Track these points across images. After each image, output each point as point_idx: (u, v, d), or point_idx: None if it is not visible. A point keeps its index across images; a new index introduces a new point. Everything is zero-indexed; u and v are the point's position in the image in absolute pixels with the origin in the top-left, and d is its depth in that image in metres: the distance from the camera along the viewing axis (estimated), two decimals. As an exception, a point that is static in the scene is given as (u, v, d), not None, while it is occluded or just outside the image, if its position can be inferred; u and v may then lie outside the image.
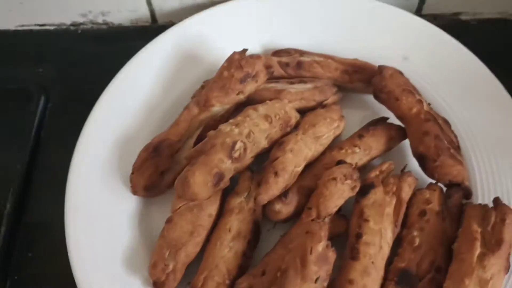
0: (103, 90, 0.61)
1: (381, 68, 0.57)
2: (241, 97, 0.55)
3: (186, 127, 0.55)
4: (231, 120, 0.52)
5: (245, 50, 0.56)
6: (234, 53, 0.56)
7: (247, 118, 0.52)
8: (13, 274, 0.57)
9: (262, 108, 0.54)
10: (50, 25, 0.74)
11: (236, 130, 0.50)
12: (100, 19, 0.73)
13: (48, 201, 0.60)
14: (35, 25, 0.74)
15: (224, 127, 0.51)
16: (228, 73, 0.54)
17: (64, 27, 0.74)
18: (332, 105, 0.58)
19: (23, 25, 0.74)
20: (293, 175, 0.52)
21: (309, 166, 0.55)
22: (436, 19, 0.70)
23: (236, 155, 0.49)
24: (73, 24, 0.74)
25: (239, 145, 0.50)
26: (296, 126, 0.56)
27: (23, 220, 0.60)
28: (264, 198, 0.50)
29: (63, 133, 0.64)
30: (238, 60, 0.55)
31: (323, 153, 0.56)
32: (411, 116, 0.54)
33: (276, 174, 0.50)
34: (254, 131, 0.51)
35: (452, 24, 0.70)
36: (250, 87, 0.55)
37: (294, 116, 0.56)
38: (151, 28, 0.73)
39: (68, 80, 0.70)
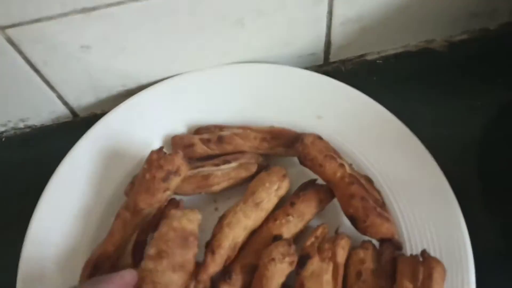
0: (34, 201, 0.61)
1: (302, 136, 0.59)
2: (168, 193, 0.56)
3: (121, 235, 0.56)
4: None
5: (161, 148, 0.57)
6: (152, 152, 0.57)
7: None
8: None
9: None
10: (-30, 138, 0.73)
11: None
12: (21, 125, 0.72)
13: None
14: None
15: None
16: (149, 175, 0.55)
17: (-13, 136, 0.73)
18: (274, 167, 0.60)
19: None
20: (232, 247, 0.54)
21: (249, 240, 0.57)
22: (344, 64, 0.73)
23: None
24: (-4, 133, 0.73)
25: None
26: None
27: None
28: (204, 277, 0.53)
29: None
30: (157, 160, 0.56)
31: (260, 226, 0.58)
32: (336, 181, 0.56)
33: (212, 252, 0.53)
34: None
35: (360, 66, 0.73)
36: (174, 183, 0.56)
37: None
38: (75, 122, 0.73)
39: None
